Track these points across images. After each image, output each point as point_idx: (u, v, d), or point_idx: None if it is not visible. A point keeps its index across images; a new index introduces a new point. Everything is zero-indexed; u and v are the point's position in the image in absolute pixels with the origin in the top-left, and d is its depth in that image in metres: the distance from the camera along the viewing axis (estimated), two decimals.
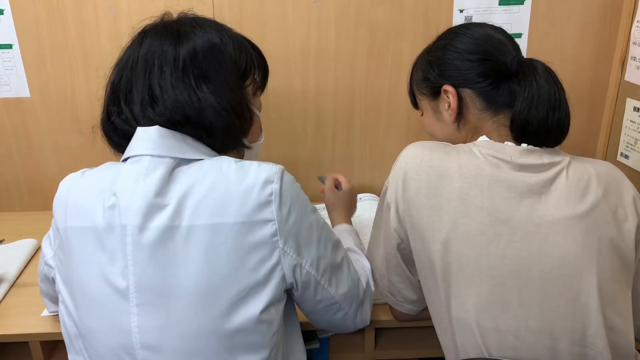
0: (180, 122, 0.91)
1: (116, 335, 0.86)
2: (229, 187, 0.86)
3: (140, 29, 0.99)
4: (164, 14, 1.01)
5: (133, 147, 0.91)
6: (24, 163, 1.65)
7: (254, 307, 0.86)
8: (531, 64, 0.97)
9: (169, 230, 0.84)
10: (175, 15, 1.01)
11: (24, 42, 1.51)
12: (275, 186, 0.87)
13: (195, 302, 0.84)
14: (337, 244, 0.99)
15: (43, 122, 1.60)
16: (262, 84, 1.08)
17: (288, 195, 0.88)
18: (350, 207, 1.37)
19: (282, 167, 0.90)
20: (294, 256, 0.89)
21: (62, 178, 1.62)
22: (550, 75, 0.96)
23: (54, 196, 1.65)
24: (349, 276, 1.00)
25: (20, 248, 1.43)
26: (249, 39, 1.04)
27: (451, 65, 1.03)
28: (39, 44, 1.52)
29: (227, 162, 0.89)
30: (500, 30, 1.05)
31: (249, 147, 1.04)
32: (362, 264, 1.11)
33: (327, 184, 1.38)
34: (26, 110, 1.58)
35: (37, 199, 1.69)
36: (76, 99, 1.57)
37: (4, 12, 1.48)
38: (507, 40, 1.03)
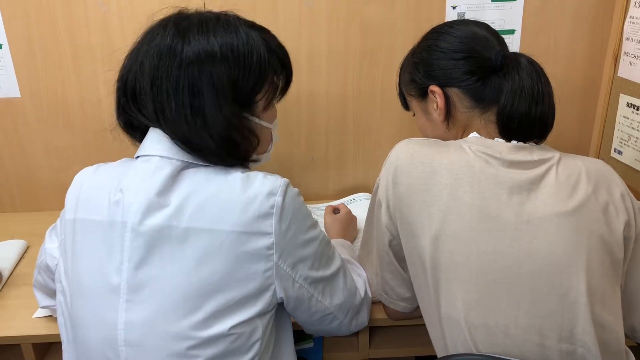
0: (183, 143, 0.90)
1: (103, 329, 0.87)
2: (232, 195, 0.86)
3: (148, 28, 0.94)
4: (181, 9, 0.95)
5: (145, 147, 0.93)
6: (15, 164, 1.64)
7: (238, 317, 0.86)
8: (515, 58, 0.97)
9: (166, 230, 0.85)
10: (192, 10, 0.95)
11: (14, 42, 1.50)
12: (278, 199, 0.87)
13: (181, 305, 0.84)
14: (333, 257, 0.99)
15: (34, 122, 1.58)
16: (283, 89, 1.03)
17: (290, 210, 0.89)
18: (347, 227, 1.39)
19: (287, 180, 0.90)
20: (288, 270, 0.90)
21: (53, 178, 1.64)
22: (534, 69, 0.96)
23: (44, 197, 1.66)
24: (344, 287, 1.01)
25: (10, 248, 1.42)
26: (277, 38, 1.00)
27: (436, 65, 1.03)
28: (29, 44, 1.50)
29: (233, 170, 0.90)
30: (484, 25, 1.04)
31: (255, 161, 1.02)
32: (357, 272, 1.11)
33: (325, 211, 1.44)
34: (16, 110, 1.57)
35: (28, 200, 1.68)
36: (67, 98, 1.56)
37: None
38: (491, 35, 1.02)
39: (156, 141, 0.92)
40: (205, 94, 0.87)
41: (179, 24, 0.91)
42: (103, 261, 0.87)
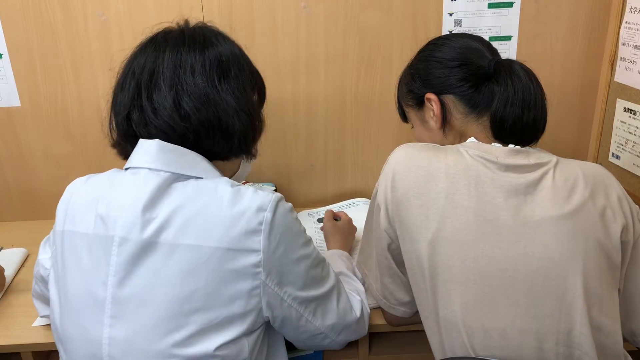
0: (201, 124, 0.90)
1: (88, 344, 0.86)
2: (219, 210, 0.84)
3: (160, 31, 0.98)
4: (185, 21, 1.00)
5: (133, 159, 0.91)
6: (15, 172, 1.64)
7: (223, 336, 0.83)
8: (508, 64, 1.00)
9: (152, 245, 0.83)
10: (192, 24, 1.00)
11: (14, 52, 1.51)
12: (267, 215, 0.84)
13: (164, 322, 0.82)
14: (326, 275, 0.97)
15: (33, 131, 1.59)
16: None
17: (280, 226, 0.86)
18: (348, 236, 1.37)
19: (279, 195, 0.88)
20: (276, 290, 0.87)
21: (53, 187, 1.65)
22: (526, 74, 0.98)
23: (44, 205, 1.67)
24: (337, 307, 0.97)
25: (10, 257, 1.42)
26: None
27: (432, 74, 1.05)
28: (29, 53, 1.51)
29: (223, 185, 0.87)
30: (478, 38, 1.07)
31: (254, 156, 1.02)
32: (355, 287, 1.09)
33: (326, 216, 1.42)
34: (17, 119, 1.58)
35: (28, 209, 1.68)
36: (67, 107, 1.57)
37: None
38: (484, 47, 1.05)
39: (145, 153, 0.89)
40: (230, 70, 0.93)
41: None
42: (89, 275, 0.85)
